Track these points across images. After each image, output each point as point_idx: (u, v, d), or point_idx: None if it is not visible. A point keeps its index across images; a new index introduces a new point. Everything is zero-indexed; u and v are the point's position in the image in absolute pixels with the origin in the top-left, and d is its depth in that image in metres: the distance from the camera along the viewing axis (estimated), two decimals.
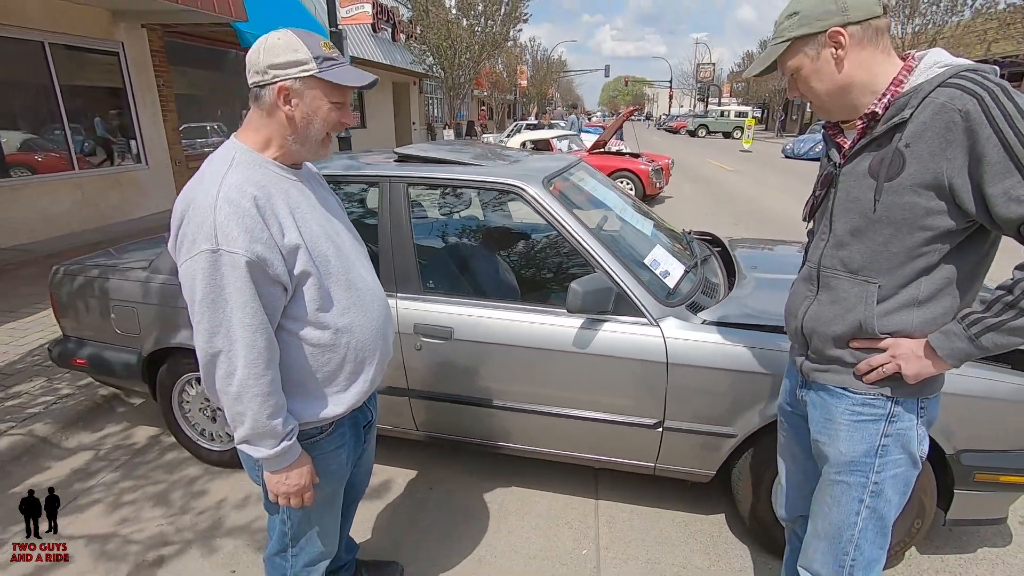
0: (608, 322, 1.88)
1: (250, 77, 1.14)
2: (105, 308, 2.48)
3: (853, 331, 1.16)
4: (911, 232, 1.07)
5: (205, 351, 1.10)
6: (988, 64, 1.03)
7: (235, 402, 1.11)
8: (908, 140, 1.03)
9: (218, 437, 2.50)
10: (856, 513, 1.22)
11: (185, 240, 1.07)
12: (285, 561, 1.40)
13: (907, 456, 1.18)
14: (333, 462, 1.31)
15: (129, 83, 7.70)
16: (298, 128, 1.15)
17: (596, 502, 2.28)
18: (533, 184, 2.01)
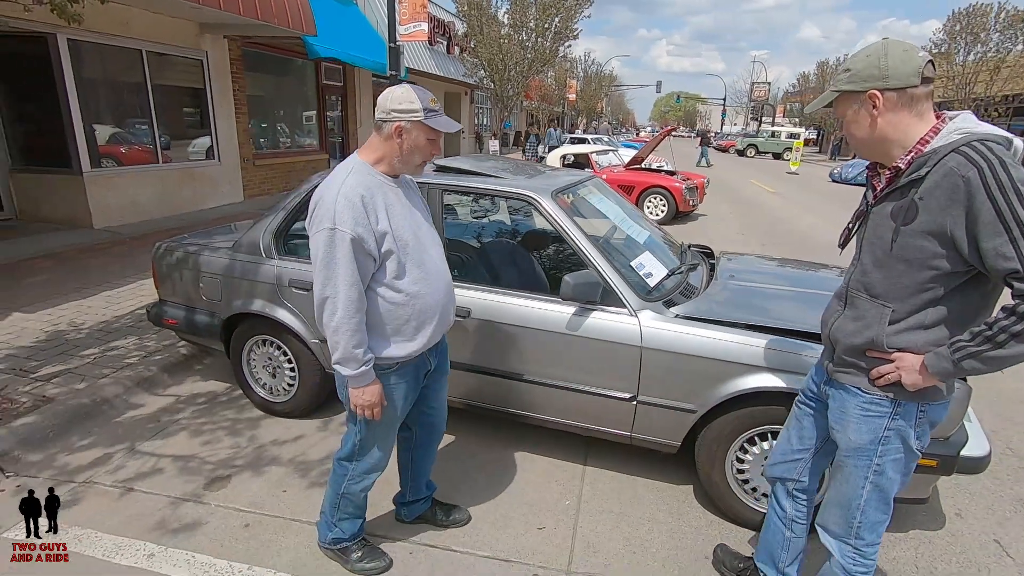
0: (595, 311, 2.29)
1: (377, 114, 1.65)
2: (195, 278, 3.05)
3: (868, 344, 1.41)
4: (920, 270, 1.29)
5: (319, 296, 1.61)
6: (1005, 134, 1.24)
7: (334, 333, 1.61)
8: (922, 194, 1.25)
9: (276, 391, 3.03)
10: (862, 487, 1.49)
11: (315, 220, 1.60)
12: (350, 463, 1.89)
13: (904, 447, 1.44)
14: (394, 394, 1.78)
15: (209, 87, 8.57)
16: (403, 154, 1.67)
17: (584, 467, 2.68)
18: (543, 195, 2.45)
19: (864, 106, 1.33)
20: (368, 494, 1.99)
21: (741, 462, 2.25)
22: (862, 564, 1.56)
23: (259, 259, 2.86)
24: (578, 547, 2.18)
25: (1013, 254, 1.15)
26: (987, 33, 16.62)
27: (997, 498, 2.55)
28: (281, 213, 2.86)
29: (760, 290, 2.63)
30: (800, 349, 2.07)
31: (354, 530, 2.02)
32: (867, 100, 1.32)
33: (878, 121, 1.32)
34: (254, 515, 2.30)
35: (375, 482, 1.96)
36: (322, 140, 12.08)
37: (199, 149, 8.69)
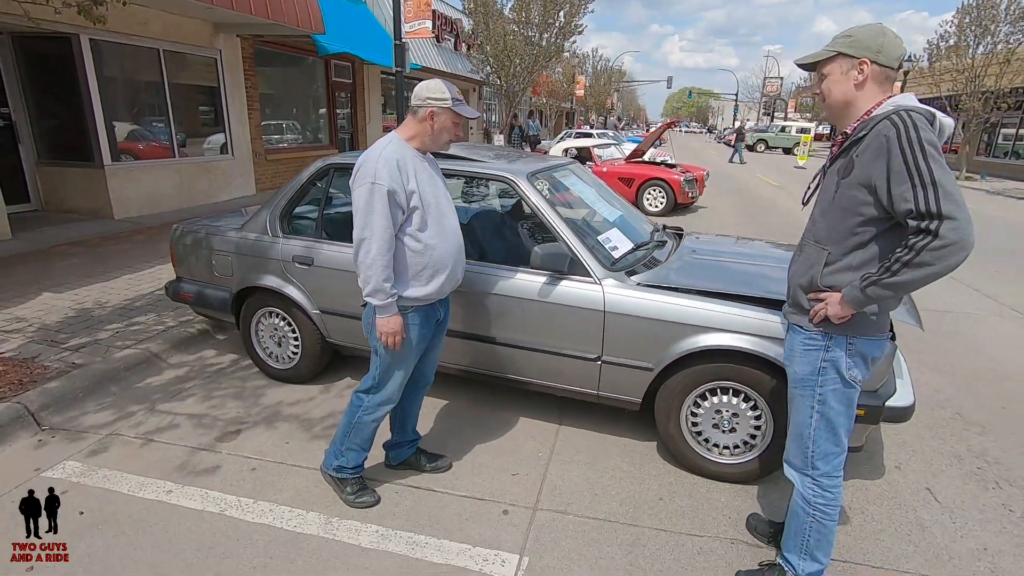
0: (564, 279, 2.55)
1: (413, 101, 2.02)
2: (209, 257, 3.35)
3: (811, 282, 1.65)
4: (851, 216, 1.54)
5: (358, 237, 1.94)
6: (931, 109, 1.46)
7: (368, 268, 1.94)
8: (858, 152, 1.51)
9: (282, 359, 3.32)
10: (810, 416, 1.72)
11: (359, 178, 1.94)
12: (367, 395, 2.19)
13: (839, 377, 1.65)
14: (410, 332, 2.10)
15: (223, 84, 8.92)
16: (433, 133, 2.04)
17: (559, 426, 2.94)
18: (519, 177, 2.70)
19: (853, 70, 1.55)
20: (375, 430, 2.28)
21: (695, 416, 2.49)
22: (821, 496, 1.77)
23: (266, 238, 3.15)
24: (546, 489, 2.44)
25: (911, 197, 1.41)
26: (996, 25, 16.49)
27: (936, 454, 2.76)
28: (286, 197, 3.14)
29: (716, 263, 2.87)
30: (746, 311, 2.30)
31: (357, 462, 2.30)
32: (857, 65, 1.54)
33: (856, 87, 1.55)
34: (260, 461, 2.59)
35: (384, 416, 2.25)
36: (332, 136, 12.41)
37: (214, 145, 9.04)
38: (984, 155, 21.87)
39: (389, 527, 2.18)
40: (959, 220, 1.37)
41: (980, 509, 2.37)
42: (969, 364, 3.83)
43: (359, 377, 3.41)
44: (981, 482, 2.56)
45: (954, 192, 1.38)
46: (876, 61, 1.54)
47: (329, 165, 3.06)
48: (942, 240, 1.38)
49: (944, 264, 1.40)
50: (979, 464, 2.69)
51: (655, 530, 2.21)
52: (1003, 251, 7.68)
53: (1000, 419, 3.11)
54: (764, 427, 2.40)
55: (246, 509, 2.27)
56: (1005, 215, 11.31)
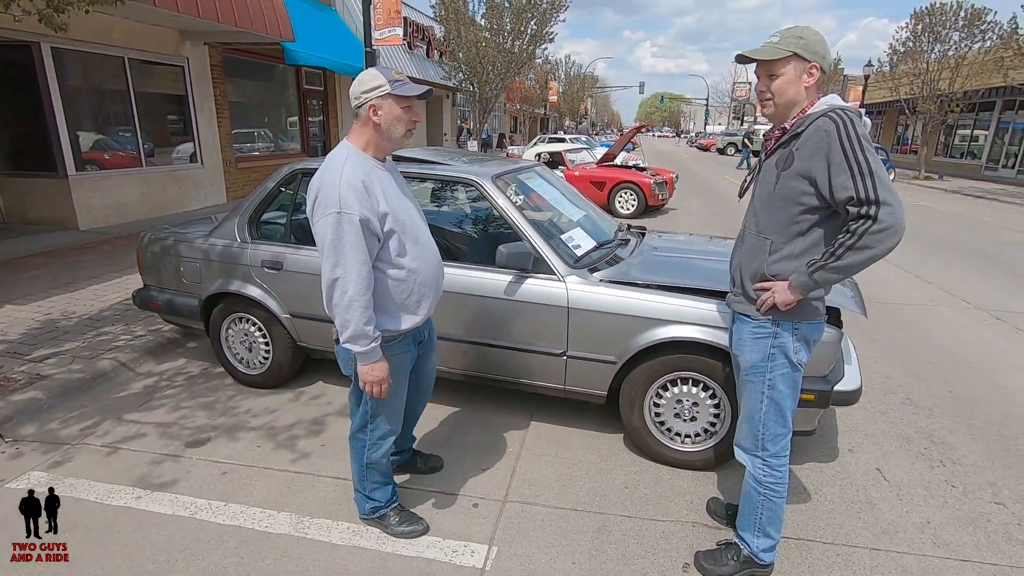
0: (529, 277, 2.62)
1: (353, 103, 1.76)
2: (177, 264, 3.34)
3: (756, 271, 1.73)
4: (792, 205, 1.63)
5: (329, 277, 1.68)
6: (858, 109, 1.64)
7: (345, 311, 1.69)
8: (797, 146, 1.61)
9: (252, 364, 3.33)
10: (760, 402, 1.80)
11: (320, 206, 1.67)
12: (365, 435, 2.02)
13: (788, 361, 1.75)
14: (399, 363, 1.92)
15: (191, 92, 8.83)
16: (384, 130, 1.76)
17: (530, 421, 3.01)
18: (484, 179, 2.78)
19: (804, 73, 1.63)
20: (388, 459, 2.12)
21: (657, 406, 2.58)
22: (771, 475, 1.86)
23: (235, 244, 3.16)
24: (515, 482, 2.50)
25: (851, 185, 1.52)
26: (947, 32, 17.24)
27: (887, 437, 2.91)
28: (254, 203, 3.16)
29: (675, 259, 2.98)
30: (703, 303, 2.41)
31: (388, 496, 2.16)
32: (809, 69, 1.63)
33: (804, 88, 1.64)
34: (231, 465, 2.59)
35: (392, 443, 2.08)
36: (304, 143, 12.35)
37: (183, 154, 8.93)
38: (942, 155, 22.75)
39: (360, 524, 2.21)
40: (893, 205, 1.50)
41: (925, 486, 2.51)
42: (920, 352, 4.02)
43: (332, 380, 3.44)
44: (927, 461, 2.70)
45: (887, 181, 1.51)
46: (821, 67, 1.65)
47: (297, 170, 3.09)
48: (880, 224, 1.50)
49: (883, 246, 1.52)
50: (926, 445, 2.84)
51: (620, 516, 2.29)
52: (956, 246, 8.02)
53: (947, 402, 3.28)
54: (722, 414, 2.50)
55: (217, 512, 2.28)
56: (960, 211, 11.80)
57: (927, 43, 18.21)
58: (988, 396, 3.38)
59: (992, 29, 16.13)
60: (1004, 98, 18.89)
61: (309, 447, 2.75)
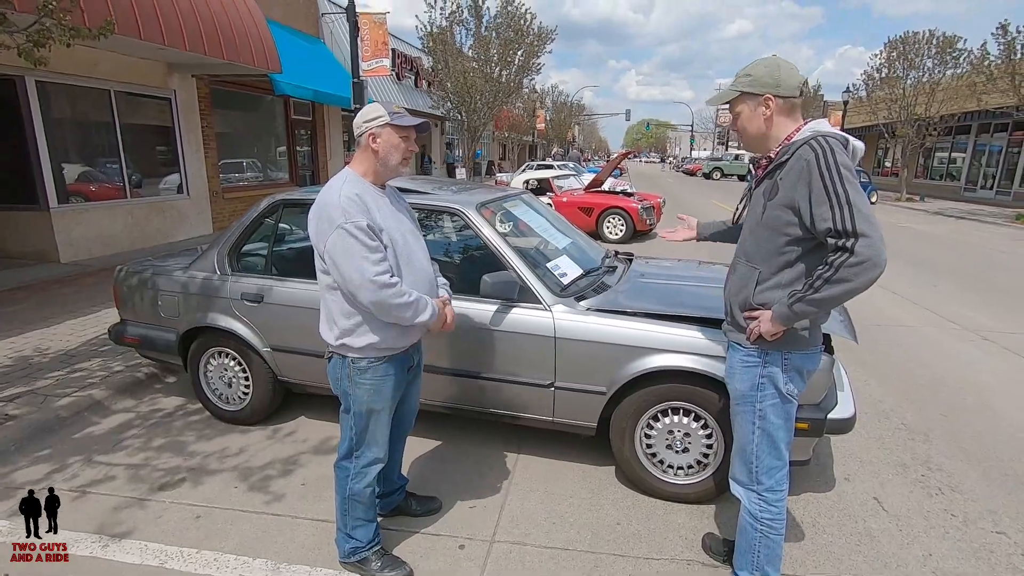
0: (515, 307, 2.57)
1: (355, 132, 1.89)
2: (154, 298, 3.26)
3: (743, 300, 1.71)
4: (778, 235, 1.62)
5: (350, 288, 1.76)
6: (844, 135, 1.59)
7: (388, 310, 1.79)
8: (782, 175, 1.60)
9: (232, 400, 3.22)
10: (752, 432, 1.76)
11: (323, 227, 1.76)
12: (350, 463, 1.99)
13: (777, 391, 1.70)
14: (385, 385, 1.93)
15: (177, 124, 8.83)
16: (382, 157, 1.86)
17: (517, 455, 2.92)
18: (468, 207, 2.74)
19: (760, 106, 1.65)
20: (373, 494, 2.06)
21: (649, 437, 2.51)
22: (768, 511, 1.79)
23: (214, 276, 3.09)
24: (503, 521, 2.40)
25: (829, 216, 1.49)
26: (921, 59, 17.80)
27: (883, 464, 2.84)
28: (234, 234, 3.10)
29: (663, 285, 2.94)
30: (692, 331, 2.36)
31: (369, 536, 2.07)
32: (763, 102, 1.64)
33: (767, 120, 1.65)
34: (205, 508, 2.47)
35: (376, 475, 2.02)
36: (292, 173, 12.35)
37: (170, 185, 8.88)
38: (922, 177, 23.24)
39: (340, 569, 2.10)
40: (872, 238, 1.46)
41: (925, 516, 2.44)
42: (910, 374, 3.99)
43: (312, 415, 3.33)
44: (925, 489, 2.64)
45: (867, 212, 1.47)
46: (778, 95, 1.64)
47: (278, 201, 3.04)
48: (857, 257, 1.46)
49: (861, 280, 1.47)
50: (923, 472, 2.78)
51: (613, 556, 2.19)
52: (940, 266, 8.10)
53: (941, 426, 3.23)
54: (715, 445, 2.44)
55: (188, 560, 2.15)
56: (942, 232, 11.97)
57: (902, 70, 18.79)
58: (980, 419, 3.34)
59: (963, 56, 16.68)
60: (979, 122, 19.42)
61: (286, 487, 2.64)
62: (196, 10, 6.85)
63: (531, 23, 15.14)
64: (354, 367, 1.90)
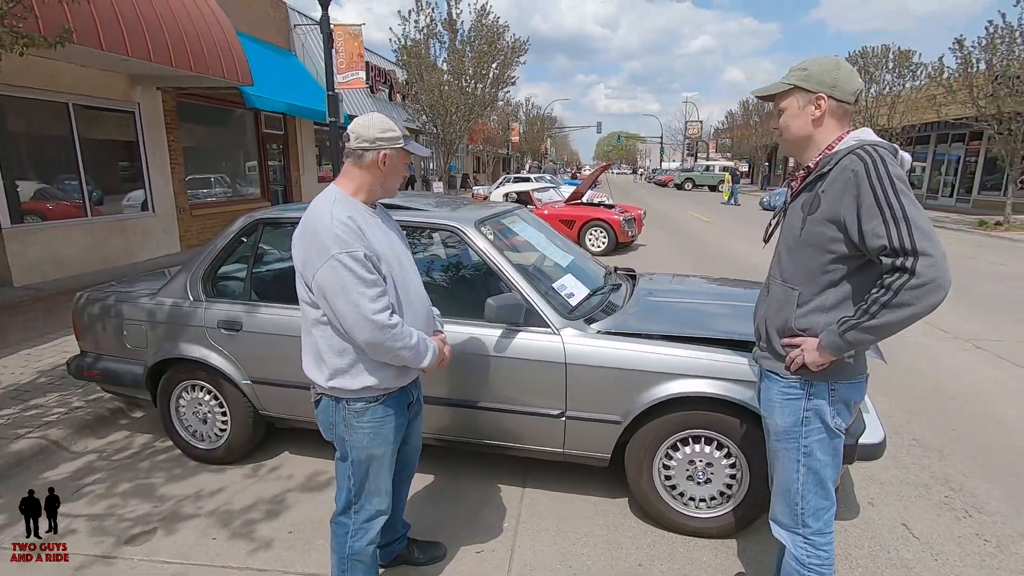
0: (520, 331, 2.39)
1: (356, 142, 1.63)
2: (119, 327, 2.97)
3: (783, 325, 1.54)
4: (821, 253, 1.46)
5: (349, 325, 1.54)
6: (893, 145, 1.49)
7: (388, 351, 1.59)
8: (824, 187, 1.45)
9: (207, 437, 2.94)
10: (796, 471, 1.59)
11: (315, 255, 1.53)
12: (348, 519, 1.75)
13: (824, 426, 1.54)
14: (385, 427, 1.71)
15: (142, 139, 8.44)
16: (385, 179, 1.69)
17: (522, 489, 2.72)
18: (467, 225, 2.56)
19: (810, 105, 1.50)
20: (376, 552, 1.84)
21: (667, 468, 2.35)
22: (815, 556, 1.62)
23: (186, 302, 2.83)
24: (515, 567, 2.20)
25: (883, 232, 1.34)
26: (880, 72, 18.43)
27: (904, 485, 2.74)
28: (209, 256, 2.85)
29: (674, 304, 2.80)
30: (713, 354, 2.21)
31: None
32: (814, 100, 1.49)
33: (814, 122, 1.51)
34: (180, 565, 2.20)
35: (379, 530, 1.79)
36: (264, 188, 11.98)
37: (135, 202, 8.47)
38: None
39: None
40: (934, 256, 1.32)
41: (957, 542, 2.33)
42: (913, 385, 3.93)
43: (297, 450, 3.08)
44: (951, 511, 2.53)
45: (927, 228, 1.33)
46: (832, 96, 1.50)
47: (257, 220, 2.81)
48: (919, 278, 1.31)
49: (924, 304, 1.33)
50: (946, 492, 2.68)
51: None
52: None
53: (953, 442, 3.16)
54: (739, 475, 2.28)
55: None
56: None
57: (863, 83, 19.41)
58: (988, 431, 3.28)
59: (920, 69, 17.32)
60: (938, 132, 20.14)
61: (272, 534, 2.39)
62: (162, 20, 6.55)
63: (504, 35, 15.11)
64: (349, 410, 1.68)
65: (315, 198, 1.68)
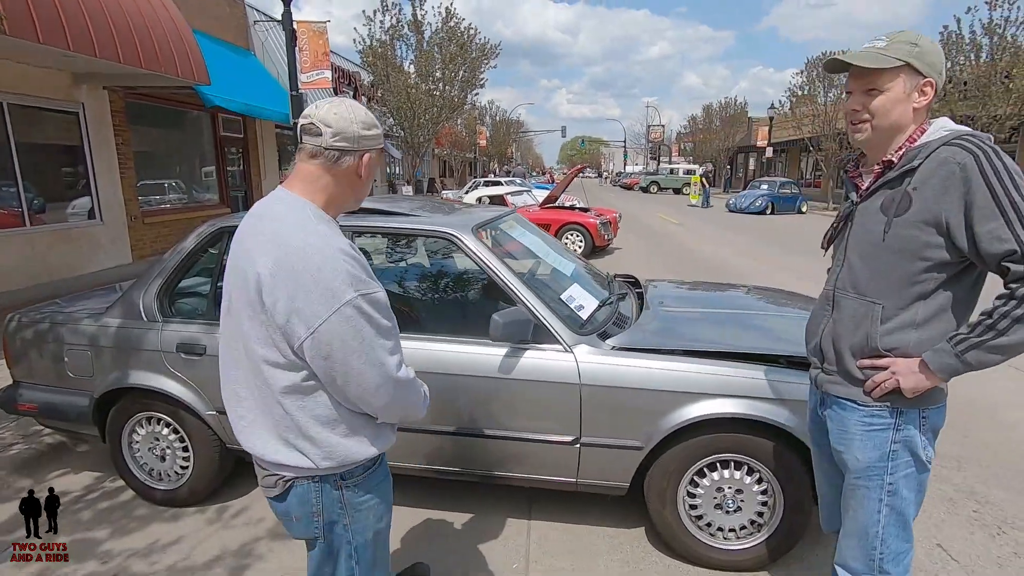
0: (529, 350, 2.13)
1: (333, 140, 1.17)
2: (59, 353, 2.58)
3: (861, 345, 1.34)
4: (912, 261, 1.27)
5: (371, 389, 1.15)
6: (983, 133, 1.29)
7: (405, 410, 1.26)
8: (915, 184, 1.25)
9: (166, 475, 2.58)
10: (877, 511, 1.39)
11: (316, 299, 1.09)
12: None
13: (913, 459, 1.35)
14: (387, 487, 1.38)
15: (87, 142, 7.82)
16: (360, 187, 1.27)
17: (528, 522, 2.46)
18: (464, 231, 2.30)
19: (916, 91, 1.27)
20: None
21: (693, 496, 2.13)
22: None
23: (139, 323, 2.47)
24: None
25: (1009, 236, 1.15)
26: (837, 77, 18.99)
27: (930, 499, 2.59)
28: (166, 270, 2.50)
29: (692, 315, 2.60)
30: (742, 371, 2.01)
31: None
32: (921, 86, 1.27)
33: (915, 111, 1.28)
34: None
35: None
36: (223, 194, 11.37)
37: (80, 210, 7.83)
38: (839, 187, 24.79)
39: None
40: None
41: (998, 563, 2.19)
42: None
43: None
44: (984, 528, 2.40)
45: None
46: (937, 84, 1.28)
47: (223, 228, 2.48)
48: None
49: None
50: (973, 507, 2.55)
51: None
52: None
53: (968, 450, 3.05)
54: (772, 502, 2.09)
55: None
56: None
57: (822, 88, 20.00)
58: (1001, 439, 3.20)
59: None
60: None
61: None
62: (108, 12, 6.03)
63: (474, 38, 14.88)
64: (347, 487, 1.26)
65: (279, 216, 1.18)
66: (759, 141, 28.15)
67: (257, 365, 1.18)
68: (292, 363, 1.16)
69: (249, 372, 1.20)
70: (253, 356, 1.18)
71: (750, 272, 8.12)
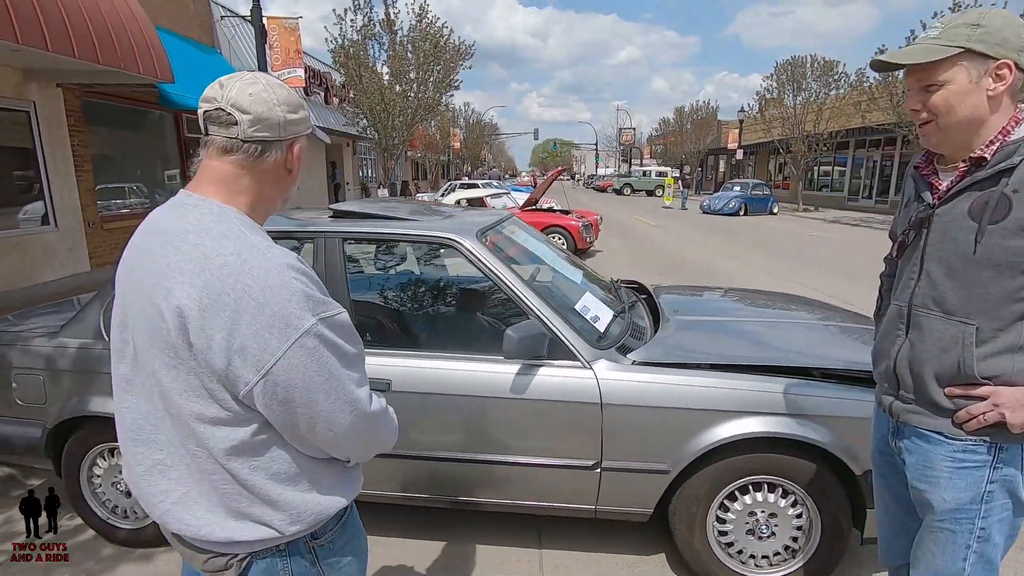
0: (543, 367, 1.94)
1: (253, 129, 0.94)
2: (6, 378, 2.28)
3: (950, 372, 1.17)
4: (1014, 276, 1.10)
5: (342, 426, 0.94)
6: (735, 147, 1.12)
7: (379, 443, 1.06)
8: (1016, 185, 1.07)
9: (132, 514, 2.30)
10: (963, 559, 1.22)
11: (267, 333, 0.86)
12: None
13: (1011, 501, 1.19)
14: (362, 535, 1.15)
15: (40, 143, 7.32)
16: (289, 184, 1.04)
17: (540, 551, 2.27)
18: (467, 237, 2.09)
19: (987, 76, 1.09)
20: None
21: (723, 522, 1.97)
22: None
23: (100, 343, 2.19)
24: None
25: None
26: (806, 81, 19.47)
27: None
28: None
29: (714, 325, 2.45)
30: (777, 386, 1.86)
31: None
32: (994, 70, 1.09)
33: (991, 100, 1.10)
34: None
35: None
36: None
37: (33, 215, 7.33)
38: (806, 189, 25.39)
39: None
40: None
41: None
42: None
43: None
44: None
45: None
46: (1020, 64, 1.11)
47: None
48: None
49: None
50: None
51: None
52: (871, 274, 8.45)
53: None
54: (808, 526, 1.94)
55: None
56: (849, 239, 12.79)
57: (791, 92, 20.44)
58: None
59: (843, 79, 18.43)
60: (856, 138, 21.45)
61: None
62: (61, 3, 5.62)
63: (448, 38, 14.64)
64: (320, 547, 1.02)
65: (196, 228, 0.91)
66: (730, 143, 28.62)
67: (187, 424, 0.91)
68: (236, 416, 0.90)
69: (175, 435, 0.93)
70: (180, 414, 0.91)
71: (739, 275, 8.10)
